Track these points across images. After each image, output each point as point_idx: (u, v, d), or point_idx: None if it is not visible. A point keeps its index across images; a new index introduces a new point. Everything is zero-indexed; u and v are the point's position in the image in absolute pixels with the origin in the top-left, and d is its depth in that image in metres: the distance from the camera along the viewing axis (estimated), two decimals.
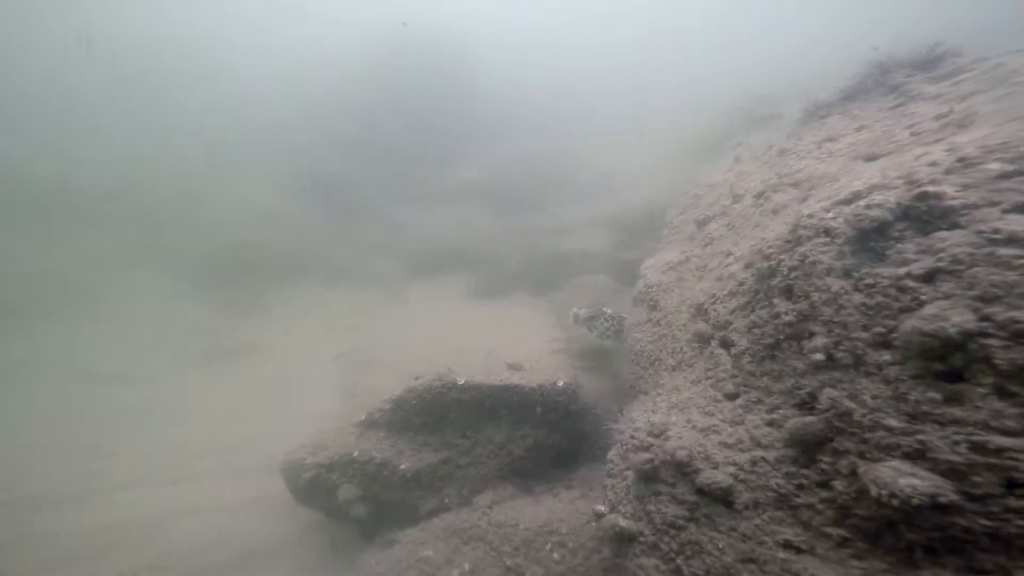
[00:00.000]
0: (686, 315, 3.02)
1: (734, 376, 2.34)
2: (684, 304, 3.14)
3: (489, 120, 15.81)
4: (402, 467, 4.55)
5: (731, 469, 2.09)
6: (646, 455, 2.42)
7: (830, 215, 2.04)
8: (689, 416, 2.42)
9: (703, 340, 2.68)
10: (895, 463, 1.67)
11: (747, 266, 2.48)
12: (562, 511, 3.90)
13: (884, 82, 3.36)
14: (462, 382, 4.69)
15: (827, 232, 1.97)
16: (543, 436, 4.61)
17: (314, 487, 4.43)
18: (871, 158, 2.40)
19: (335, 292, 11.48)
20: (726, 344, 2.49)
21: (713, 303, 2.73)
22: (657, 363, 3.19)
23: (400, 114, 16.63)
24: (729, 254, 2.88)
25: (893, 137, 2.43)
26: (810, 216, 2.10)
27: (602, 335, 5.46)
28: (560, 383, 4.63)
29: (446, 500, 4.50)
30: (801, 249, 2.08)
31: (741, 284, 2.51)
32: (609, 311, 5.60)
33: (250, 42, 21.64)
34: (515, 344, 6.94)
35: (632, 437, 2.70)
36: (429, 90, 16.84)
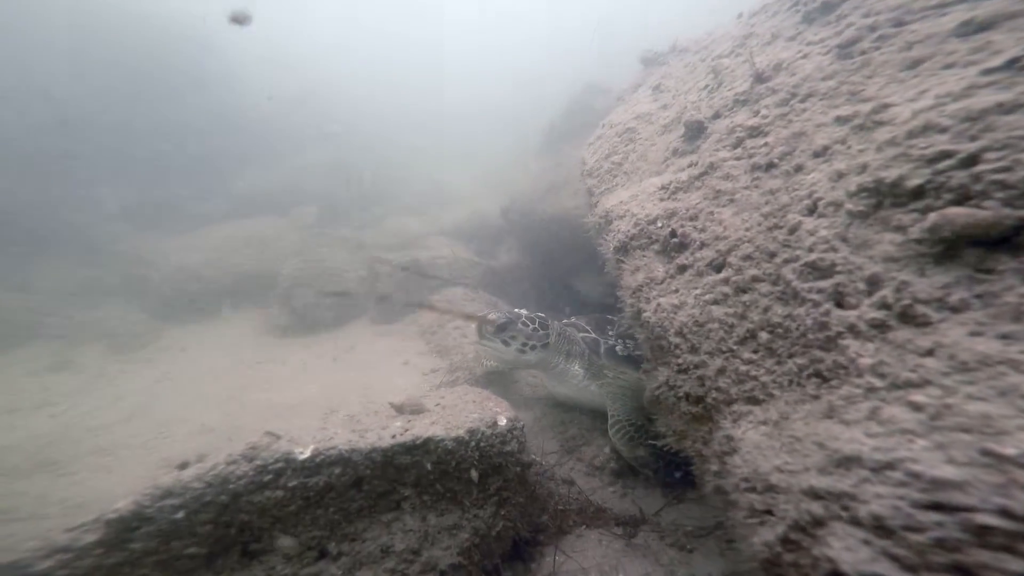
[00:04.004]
0: (834, 221, 1.62)
1: None
2: (780, 213, 1.78)
3: (274, 127, 12.70)
4: None
5: None
6: None
7: None
8: None
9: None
10: None
11: None
12: None
13: None
14: (306, 455, 2.24)
15: None
16: (488, 520, 2.48)
17: None
18: None
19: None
20: None
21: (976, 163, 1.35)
22: (775, 332, 1.65)
23: (116, 111, 11.98)
24: (885, 106, 1.69)
25: None
26: None
27: (523, 347, 3.75)
28: (502, 422, 2.65)
29: None
30: None
31: None
32: (525, 312, 3.96)
33: None
34: (371, 386, 4.56)
35: None
36: (163, 88, 12.62)
